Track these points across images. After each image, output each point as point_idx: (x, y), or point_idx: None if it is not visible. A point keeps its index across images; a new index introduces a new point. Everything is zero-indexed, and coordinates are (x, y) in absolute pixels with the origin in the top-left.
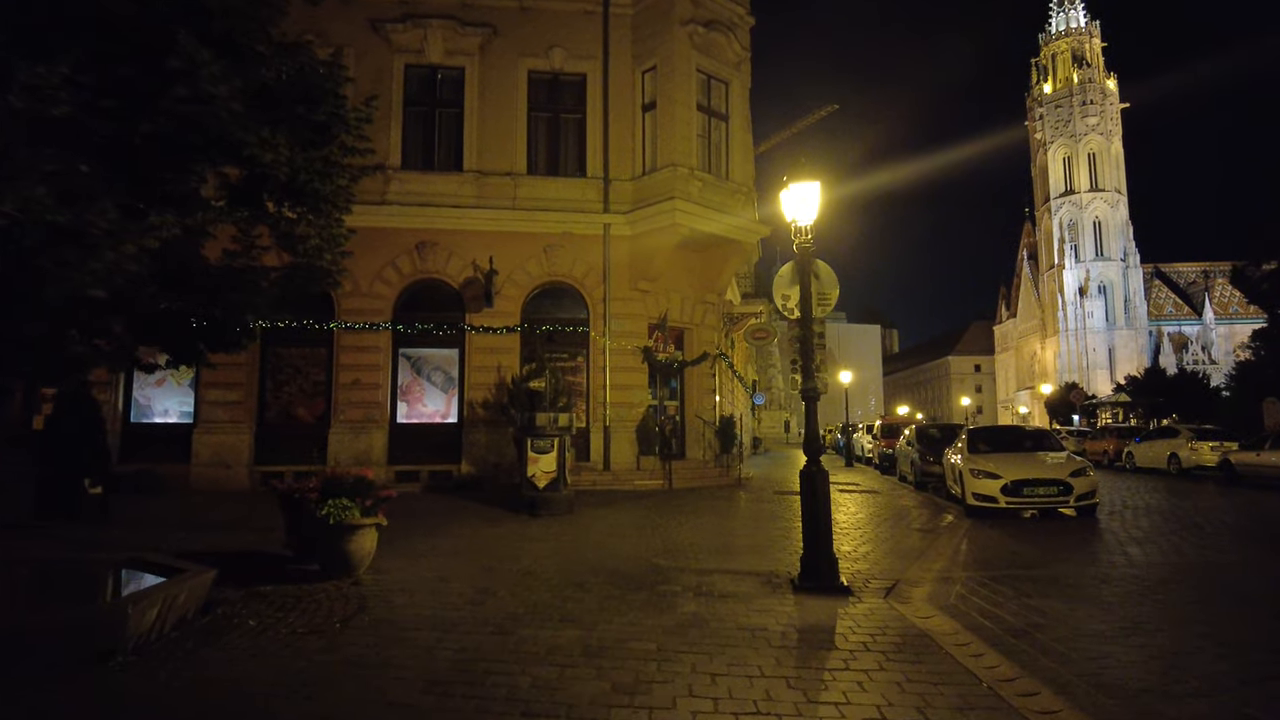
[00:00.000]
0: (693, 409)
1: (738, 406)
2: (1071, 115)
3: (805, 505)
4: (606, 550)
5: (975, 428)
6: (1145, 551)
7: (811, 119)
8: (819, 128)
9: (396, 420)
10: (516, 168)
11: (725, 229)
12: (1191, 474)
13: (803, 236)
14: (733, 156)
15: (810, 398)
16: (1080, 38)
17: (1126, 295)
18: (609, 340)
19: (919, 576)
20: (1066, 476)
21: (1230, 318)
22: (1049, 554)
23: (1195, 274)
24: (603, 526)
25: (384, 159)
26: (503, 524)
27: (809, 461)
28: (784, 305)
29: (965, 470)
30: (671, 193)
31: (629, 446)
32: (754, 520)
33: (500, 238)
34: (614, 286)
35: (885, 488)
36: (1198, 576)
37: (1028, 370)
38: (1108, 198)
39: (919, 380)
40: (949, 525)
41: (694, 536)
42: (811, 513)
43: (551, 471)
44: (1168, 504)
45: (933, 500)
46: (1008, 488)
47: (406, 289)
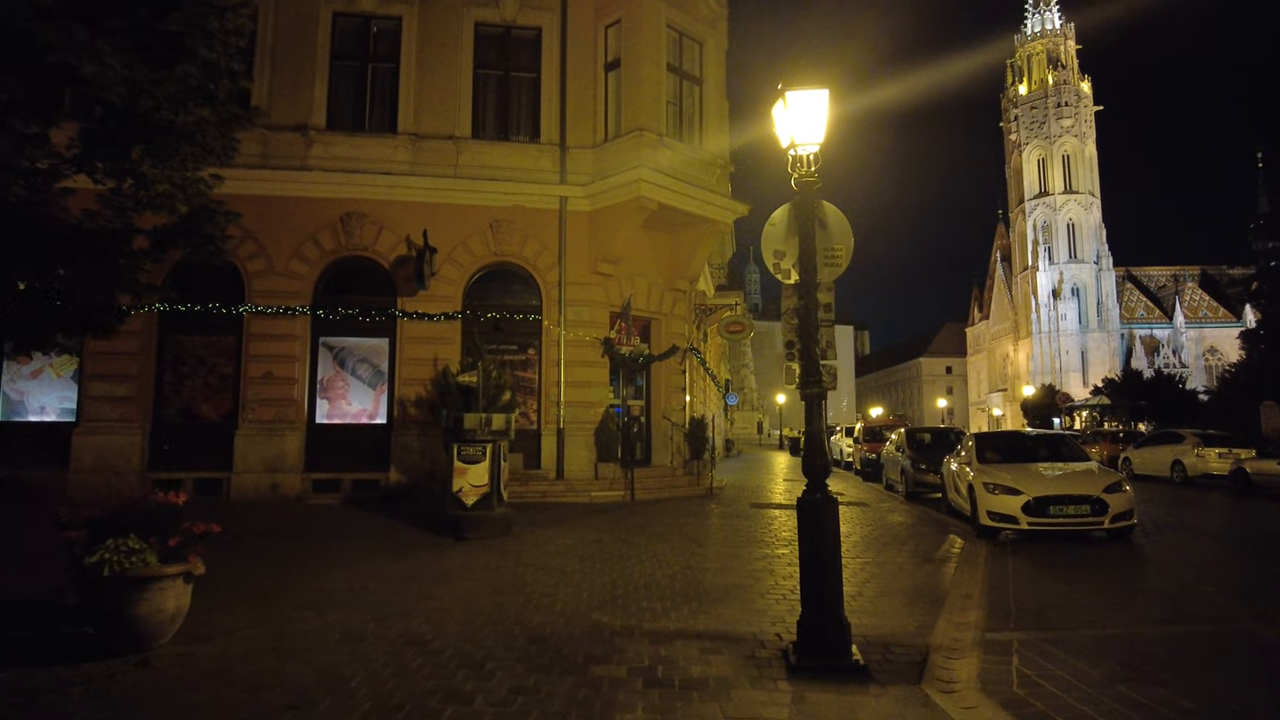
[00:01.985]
0: (660, 409)
1: (710, 407)
2: (1046, 117)
3: (807, 550)
4: (535, 596)
5: (983, 433)
6: (1224, 592)
7: None
8: None
9: (315, 420)
10: (459, 131)
11: (697, 205)
12: (1196, 483)
13: (804, 168)
14: (707, 125)
15: (814, 396)
16: (1055, 39)
17: (1099, 298)
18: (565, 330)
19: (954, 639)
20: (1100, 492)
21: (1200, 321)
22: (1110, 599)
23: (1165, 278)
24: (540, 557)
25: (305, 118)
26: (415, 553)
27: (811, 486)
28: (776, 266)
29: (977, 484)
30: (636, 161)
31: (586, 452)
32: (729, 545)
33: (439, 210)
34: (571, 269)
35: (872, 498)
36: None
37: (1000, 372)
38: (1081, 200)
39: (891, 382)
40: (963, 552)
41: (654, 571)
42: (816, 561)
43: (483, 485)
44: (1205, 520)
45: (930, 515)
46: (1030, 506)
47: (329, 268)
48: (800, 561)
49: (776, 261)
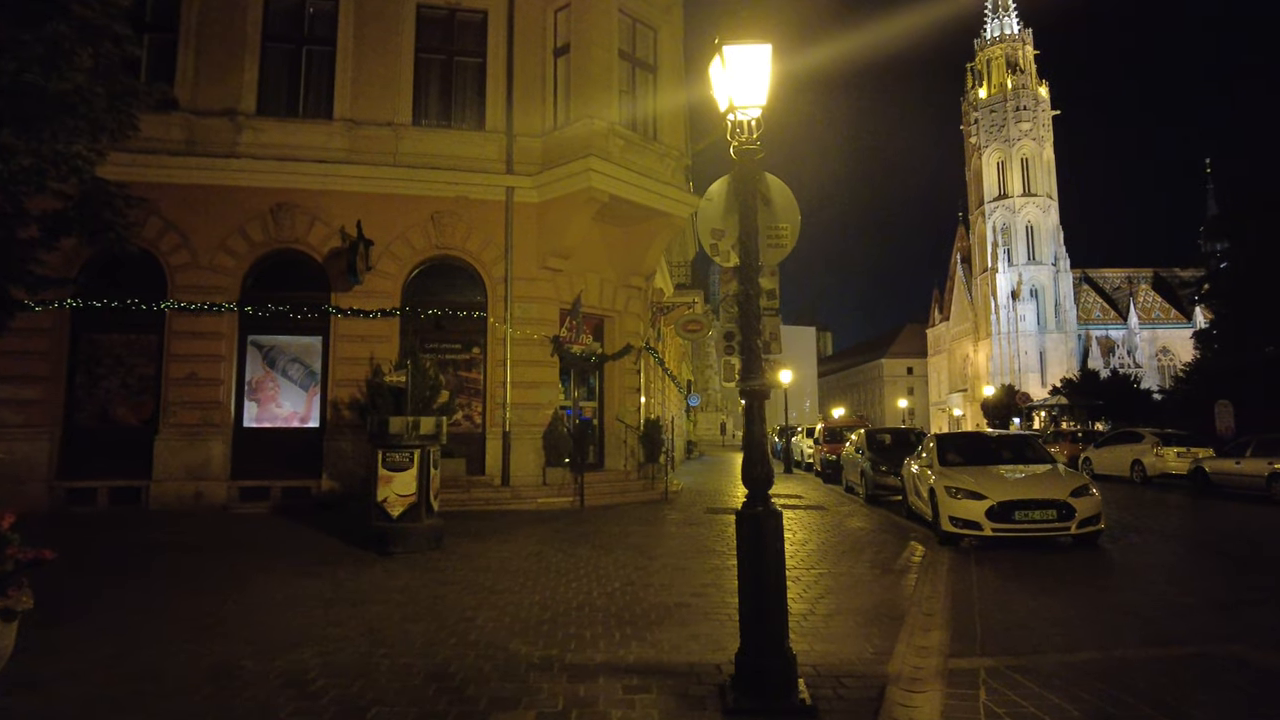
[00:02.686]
0: (613, 411)
1: (669, 408)
2: (1005, 120)
3: (746, 572)
4: (452, 621)
5: (945, 434)
6: (1202, 605)
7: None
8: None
9: (243, 424)
10: (400, 117)
11: (651, 198)
12: (1155, 482)
13: (745, 135)
14: (661, 115)
15: (754, 395)
16: (1014, 44)
17: (1057, 299)
18: (511, 328)
19: (915, 667)
20: (1067, 496)
21: (1153, 322)
22: (1083, 616)
23: (1120, 280)
24: (469, 573)
25: (234, 103)
26: (333, 569)
27: (752, 496)
28: (714, 247)
29: (939, 488)
30: (587, 149)
31: (534, 456)
32: (677, 556)
33: (377, 201)
34: (518, 264)
35: (832, 501)
36: None
37: (960, 373)
38: (1040, 203)
39: (853, 382)
40: (924, 561)
41: (591, 589)
42: (757, 585)
43: (410, 494)
44: (1170, 523)
45: (890, 520)
46: (995, 511)
47: (259, 262)
48: (739, 585)
49: (715, 242)
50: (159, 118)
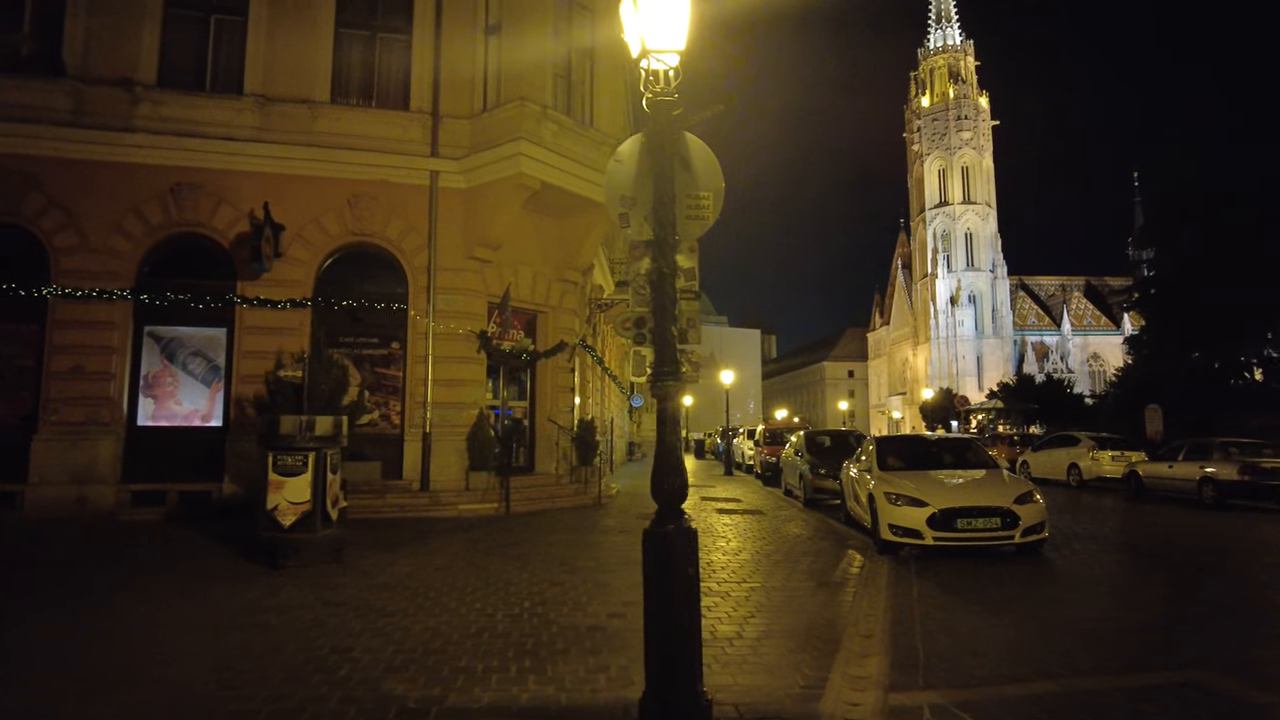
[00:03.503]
0: (545, 411)
1: (610, 409)
2: (947, 129)
3: (653, 604)
4: (323, 653)
5: (885, 437)
6: (1155, 622)
7: (701, 117)
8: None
9: (137, 422)
10: (316, 94)
11: (587, 188)
12: (1090, 485)
13: (661, 85)
14: (599, 102)
15: (667, 393)
16: (956, 55)
17: (994, 305)
18: (434, 322)
19: (850, 704)
20: (1011, 504)
21: (1085, 329)
22: (1032, 637)
23: (1054, 287)
24: (362, 592)
25: (131, 72)
26: (212, 586)
27: (662, 513)
28: (624, 218)
29: (878, 494)
30: (517, 133)
31: (456, 459)
32: (601, 569)
33: (290, 183)
34: (443, 253)
35: (770, 506)
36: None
37: (899, 376)
38: (979, 210)
39: (796, 385)
40: (862, 572)
41: (496, 610)
42: (665, 619)
43: (304, 502)
44: (1111, 529)
45: (829, 526)
46: (936, 519)
47: (157, 246)
48: (645, 617)
49: (624, 211)
50: (41, 84)
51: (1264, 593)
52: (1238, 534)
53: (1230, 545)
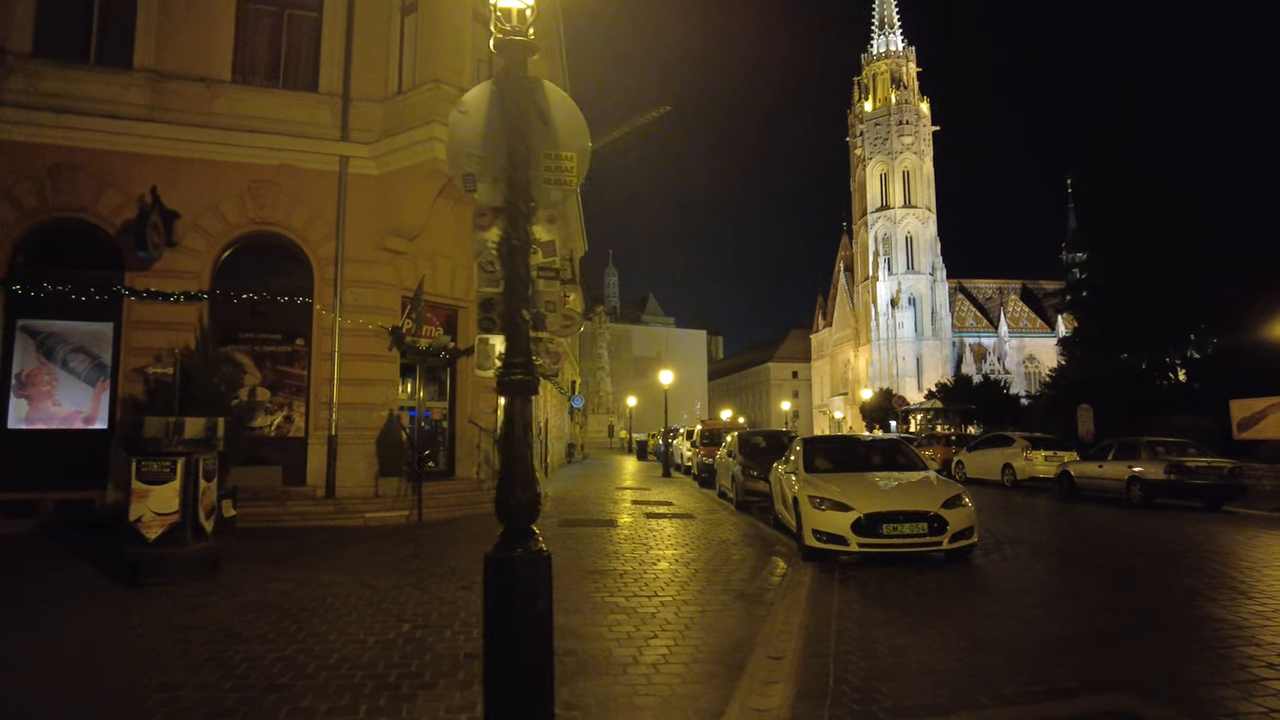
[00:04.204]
0: (466, 413)
1: (547, 410)
2: (889, 134)
3: (494, 641)
4: (148, 689)
5: (812, 438)
6: (1083, 637)
7: (643, 118)
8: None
9: (8, 425)
10: (216, 72)
11: None
12: (1024, 485)
13: (513, 23)
14: None
15: (519, 387)
16: (898, 61)
17: (934, 308)
18: (341, 317)
19: None
20: (939, 508)
21: (1021, 331)
22: (954, 657)
23: (992, 290)
24: (224, 614)
25: (2, 39)
26: (47, 611)
27: (508, 535)
28: (469, 179)
29: (803, 498)
30: (431, 116)
31: (365, 464)
32: None
33: (185, 167)
34: (352, 243)
35: (702, 509)
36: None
37: (841, 377)
38: (919, 214)
39: (742, 386)
40: (783, 582)
41: (368, 635)
42: (505, 661)
43: (171, 513)
44: (1041, 531)
45: (757, 530)
46: (861, 524)
47: (33, 233)
48: (484, 661)
49: (469, 172)
50: None
51: (1191, 599)
52: (1164, 535)
53: (1157, 547)
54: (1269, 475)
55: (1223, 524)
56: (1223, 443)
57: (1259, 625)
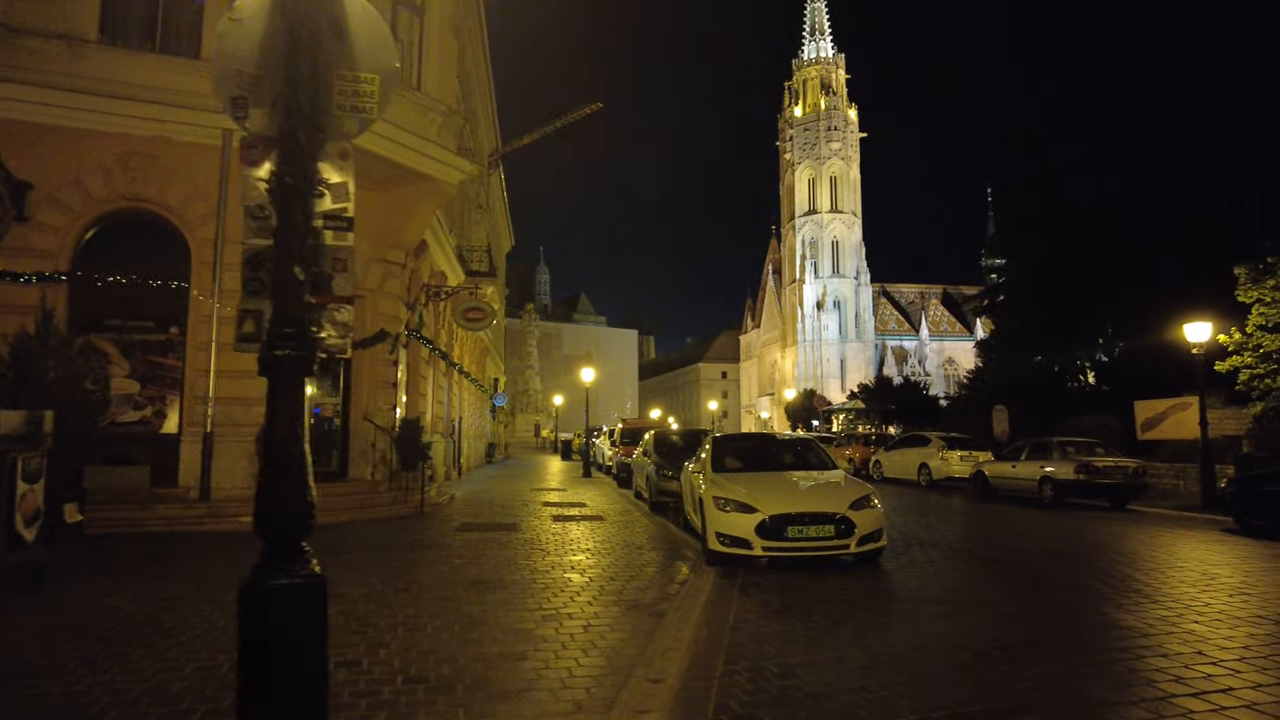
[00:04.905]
0: (362, 409)
1: (463, 407)
2: (818, 139)
3: (250, 689)
4: None
5: (723, 435)
6: (985, 649)
7: (574, 115)
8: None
9: None
10: (81, 30)
11: (409, 156)
12: (940, 485)
13: None
14: (428, 63)
15: (281, 362)
16: (828, 67)
17: (858, 311)
18: (221, 304)
19: None
20: (846, 510)
21: (941, 335)
22: (850, 678)
23: (914, 294)
24: (27, 639)
25: None
26: None
27: (272, 555)
28: (237, 102)
29: (708, 499)
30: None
31: (245, 464)
32: (368, 598)
33: (42, 134)
34: (236, 224)
35: (615, 510)
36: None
37: (769, 378)
38: (845, 219)
39: (673, 386)
40: (683, 590)
41: (188, 662)
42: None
43: None
44: (952, 532)
45: (667, 532)
46: (766, 527)
47: None
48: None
49: (240, 94)
50: None
51: (1099, 604)
52: (1074, 535)
53: (1067, 548)
54: (1168, 474)
55: (1127, 522)
56: (1128, 442)
57: (1165, 633)
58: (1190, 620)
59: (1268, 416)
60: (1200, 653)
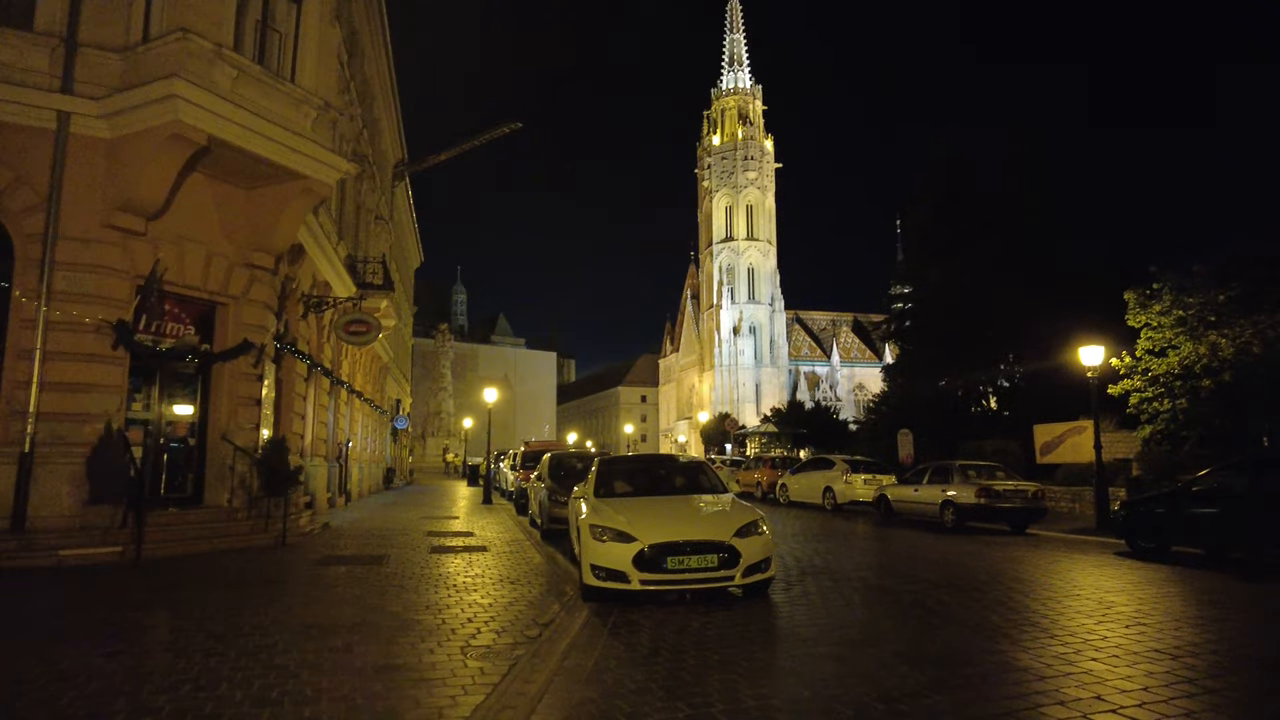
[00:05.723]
0: (220, 428)
1: (356, 428)
2: (735, 168)
3: None
4: None
5: (610, 458)
6: (867, 699)
7: (492, 134)
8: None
9: None
10: None
11: (278, 151)
12: (845, 509)
13: None
14: (304, 54)
15: None
16: (745, 98)
17: (772, 337)
18: (48, 306)
19: None
20: (731, 537)
21: (852, 361)
22: None
23: (826, 322)
24: None
25: None
26: None
27: None
28: None
29: (584, 527)
30: (175, 69)
31: (71, 488)
32: (175, 654)
33: None
34: (69, 218)
35: (504, 540)
36: None
37: (687, 401)
38: (761, 247)
39: (592, 409)
40: (544, 632)
41: None
42: None
43: None
44: (850, 560)
45: (553, 564)
46: (644, 557)
47: None
48: None
49: None
50: None
51: (995, 640)
52: (974, 561)
53: (966, 576)
54: (1065, 497)
55: (1026, 547)
56: (1028, 465)
57: (1063, 674)
58: (1088, 657)
59: (1155, 440)
60: (1099, 697)
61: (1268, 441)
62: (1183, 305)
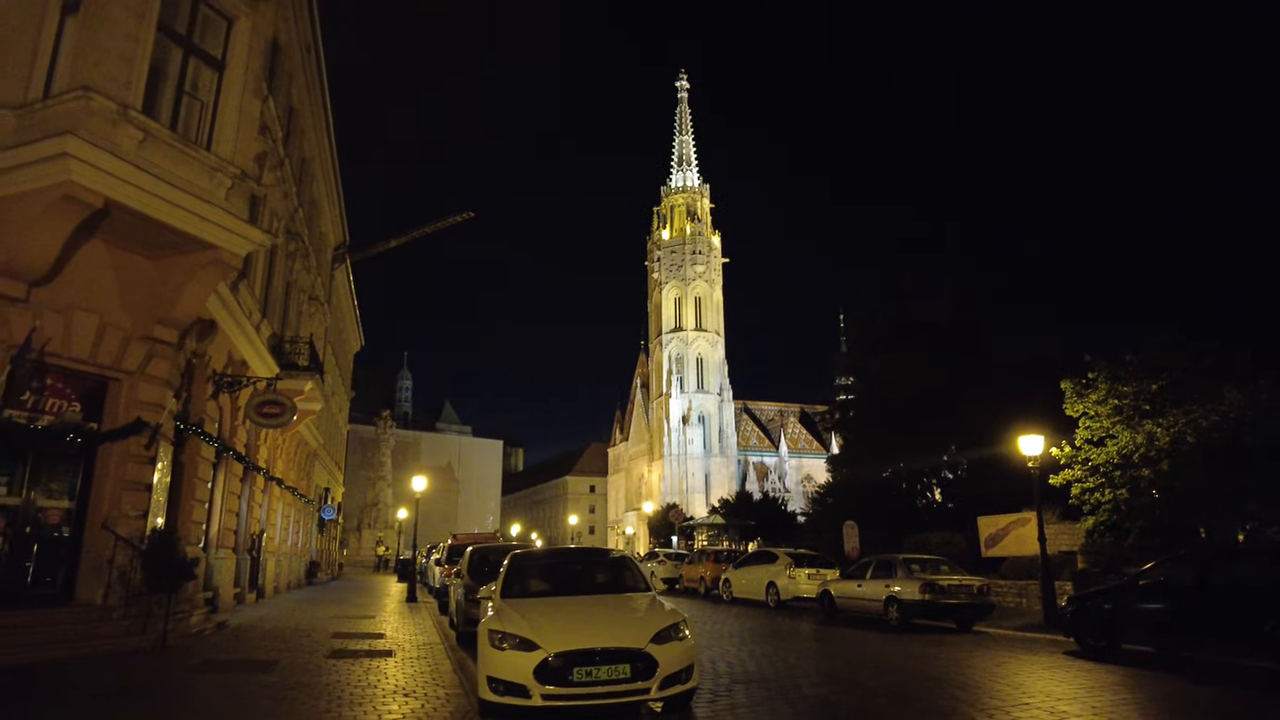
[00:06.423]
0: (103, 515)
1: (272, 519)
2: (684, 262)
3: None
4: None
5: (522, 553)
6: None
7: (444, 223)
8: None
9: None
10: None
11: (184, 219)
12: (789, 605)
13: None
14: (223, 122)
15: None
16: (694, 196)
17: (721, 426)
18: None
19: None
20: (646, 644)
21: (799, 451)
22: None
23: (774, 412)
24: None
25: None
26: None
27: None
28: None
29: (483, 634)
30: (70, 127)
31: None
32: None
33: None
34: None
35: (416, 642)
36: None
37: (636, 491)
38: (709, 338)
39: (539, 499)
40: None
41: None
42: None
43: None
44: (787, 667)
45: (463, 672)
46: (549, 668)
47: None
48: None
49: None
50: None
51: None
52: (918, 665)
53: (909, 683)
54: (1012, 591)
55: (973, 647)
56: (973, 558)
57: None
58: None
59: (1099, 531)
60: None
61: (1204, 533)
62: (1118, 395)
